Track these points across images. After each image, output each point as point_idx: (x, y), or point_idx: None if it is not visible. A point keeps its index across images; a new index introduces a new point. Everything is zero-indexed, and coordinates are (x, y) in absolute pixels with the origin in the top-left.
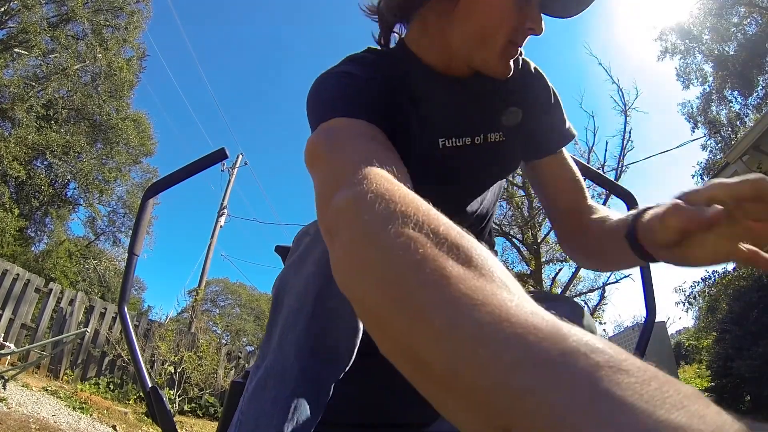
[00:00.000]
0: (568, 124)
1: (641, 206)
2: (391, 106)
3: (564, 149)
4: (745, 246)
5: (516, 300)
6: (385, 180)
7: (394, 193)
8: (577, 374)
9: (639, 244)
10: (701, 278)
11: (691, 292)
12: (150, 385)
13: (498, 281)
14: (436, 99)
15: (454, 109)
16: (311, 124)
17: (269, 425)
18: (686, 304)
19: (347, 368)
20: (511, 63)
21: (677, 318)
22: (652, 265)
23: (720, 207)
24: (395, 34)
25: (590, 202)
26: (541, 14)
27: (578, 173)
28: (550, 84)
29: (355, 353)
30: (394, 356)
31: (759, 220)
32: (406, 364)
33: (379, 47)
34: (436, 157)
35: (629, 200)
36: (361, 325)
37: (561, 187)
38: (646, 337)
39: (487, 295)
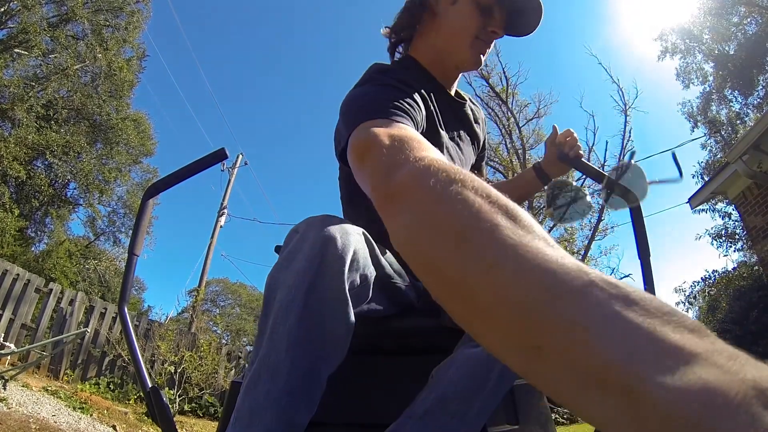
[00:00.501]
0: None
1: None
2: (418, 103)
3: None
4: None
5: (551, 246)
6: (440, 156)
7: (451, 167)
8: (597, 301)
9: (544, 172)
10: (701, 278)
11: (691, 291)
12: (150, 385)
13: (538, 233)
14: (438, 98)
15: (447, 107)
16: (351, 124)
17: (263, 418)
18: (686, 304)
19: (340, 363)
20: (482, 57)
21: None
22: (653, 265)
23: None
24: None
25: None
26: (503, 25)
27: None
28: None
29: (347, 347)
30: (445, 295)
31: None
32: (455, 300)
33: (389, 61)
34: (442, 144)
35: (631, 201)
36: (353, 320)
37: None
38: None
39: (528, 241)
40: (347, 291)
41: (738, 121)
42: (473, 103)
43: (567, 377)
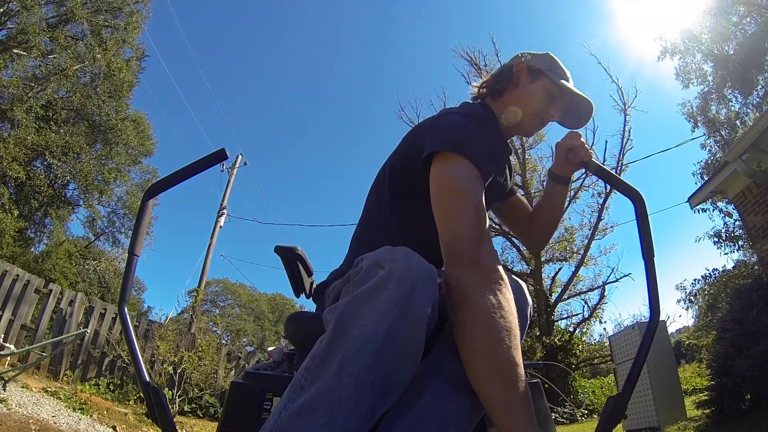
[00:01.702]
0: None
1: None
2: (499, 149)
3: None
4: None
5: (518, 355)
6: (498, 263)
7: (503, 283)
8: (523, 400)
9: (558, 175)
10: (702, 276)
11: (692, 289)
12: (150, 386)
13: (517, 345)
14: (504, 148)
15: (503, 154)
16: (452, 145)
17: None
18: (687, 301)
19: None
20: (534, 130)
21: (677, 317)
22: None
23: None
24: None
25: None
26: (560, 114)
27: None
28: None
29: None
30: (476, 374)
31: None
32: (472, 364)
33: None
34: (494, 186)
35: (637, 200)
36: (420, 352)
37: (523, 211)
38: (649, 339)
39: (516, 358)
40: (424, 341)
41: (737, 121)
42: None
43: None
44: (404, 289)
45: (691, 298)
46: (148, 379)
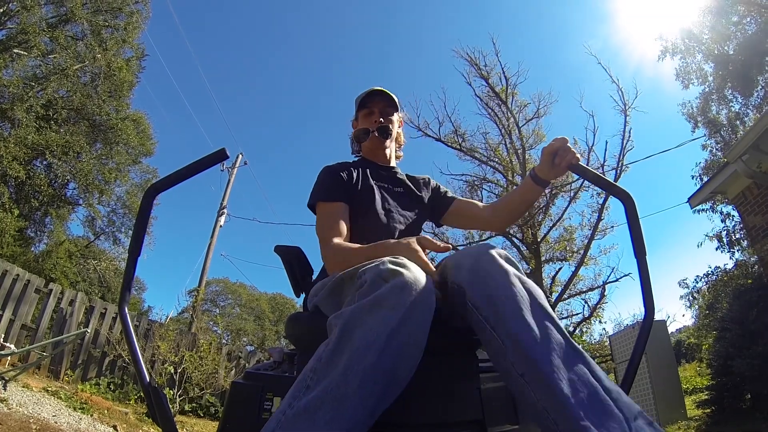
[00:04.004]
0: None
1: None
2: (350, 174)
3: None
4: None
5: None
6: (340, 240)
7: (341, 245)
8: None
9: (539, 177)
10: (704, 273)
11: (694, 286)
12: (150, 386)
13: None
14: (368, 168)
15: (377, 172)
16: (311, 197)
17: None
18: (690, 298)
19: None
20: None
21: (677, 316)
22: (650, 264)
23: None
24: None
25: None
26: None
27: (468, 200)
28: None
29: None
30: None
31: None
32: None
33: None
34: (372, 187)
35: (626, 201)
36: (420, 354)
37: (473, 210)
38: (645, 335)
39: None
40: (425, 341)
41: (738, 122)
42: (411, 175)
43: None
44: (405, 299)
45: (694, 294)
46: (148, 379)
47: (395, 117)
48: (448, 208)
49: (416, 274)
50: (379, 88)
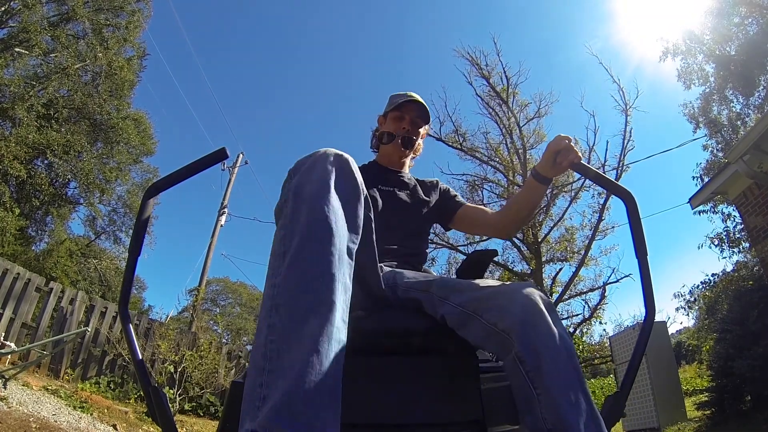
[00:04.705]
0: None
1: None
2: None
3: (466, 202)
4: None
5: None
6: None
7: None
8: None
9: (541, 175)
10: (701, 282)
11: (690, 297)
12: (150, 385)
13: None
14: (376, 172)
15: (382, 176)
16: None
17: (322, 276)
18: (686, 309)
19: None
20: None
21: (678, 319)
22: (651, 265)
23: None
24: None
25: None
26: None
27: (476, 206)
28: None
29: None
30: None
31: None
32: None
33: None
34: (378, 194)
35: (628, 200)
36: (364, 215)
37: (479, 215)
38: (645, 336)
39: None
40: (357, 180)
41: (739, 122)
42: (422, 179)
43: None
44: (334, 159)
45: (690, 304)
46: (148, 378)
47: (422, 130)
48: (456, 213)
49: (326, 149)
50: (417, 98)
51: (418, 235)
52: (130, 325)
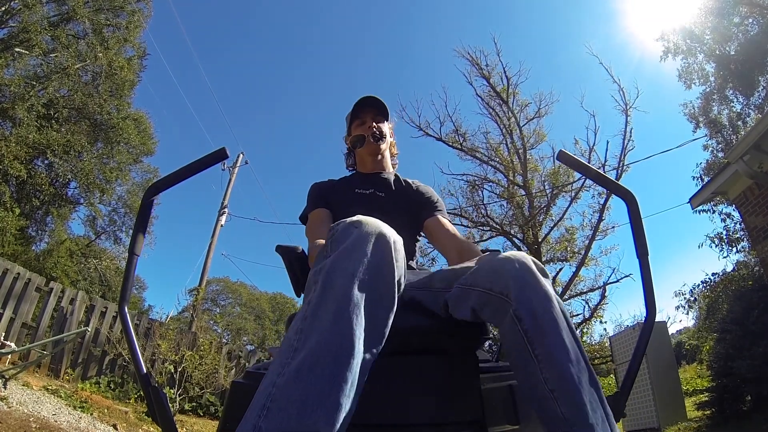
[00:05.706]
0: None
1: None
2: (334, 185)
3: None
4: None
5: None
6: (322, 241)
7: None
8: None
9: None
10: (702, 281)
11: (690, 297)
12: (150, 385)
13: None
14: (356, 177)
15: (365, 179)
16: (302, 213)
17: (324, 402)
18: (686, 307)
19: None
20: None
21: (678, 318)
22: (651, 265)
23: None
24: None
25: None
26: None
27: (446, 227)
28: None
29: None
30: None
31: None
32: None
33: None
34: (353, 190)
35: (629, 200)
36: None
37: (440, 233)
38: (646, 337)
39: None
40: (395, 282)
41: (739, 122)
42: (408, 180)
43: None
44: (378, 241)
45: (690, 303)
46: (148, 378)
47: (385, 125)
48: (424, 221)
49: (376, 221)
50: (370, 96)
51: (403, 231)
52: (130, 325)
